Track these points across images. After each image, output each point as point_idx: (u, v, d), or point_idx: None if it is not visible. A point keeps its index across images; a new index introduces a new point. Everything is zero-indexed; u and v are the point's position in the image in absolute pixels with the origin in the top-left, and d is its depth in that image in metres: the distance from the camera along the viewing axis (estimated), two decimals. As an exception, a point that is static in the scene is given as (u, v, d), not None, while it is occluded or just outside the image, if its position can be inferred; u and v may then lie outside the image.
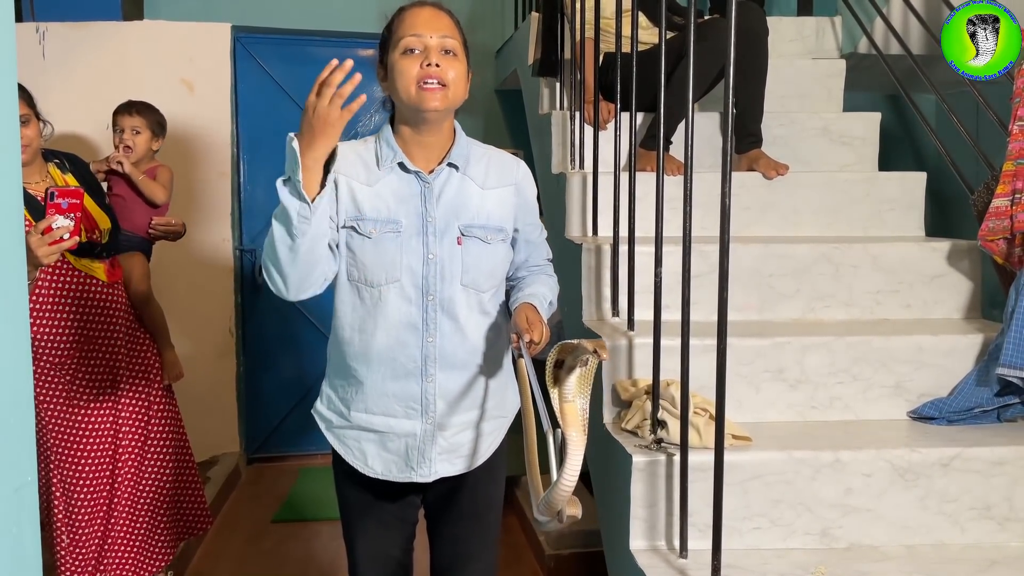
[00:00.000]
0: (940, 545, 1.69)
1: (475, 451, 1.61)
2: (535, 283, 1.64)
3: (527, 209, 1.63)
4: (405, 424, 1.55)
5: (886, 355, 1.91)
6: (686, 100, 1.57)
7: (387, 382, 1.53)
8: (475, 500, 1.66)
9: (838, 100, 2.88)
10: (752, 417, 1.86)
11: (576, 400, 1.21)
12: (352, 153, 1.54)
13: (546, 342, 1.49)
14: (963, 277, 2.16)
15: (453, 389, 1.56)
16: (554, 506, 1.19)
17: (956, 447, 1.70)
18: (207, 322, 3.79)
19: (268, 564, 2.99)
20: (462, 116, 1.64)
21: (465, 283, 1.53)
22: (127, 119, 2.73)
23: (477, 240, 1.53)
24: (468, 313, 1.53)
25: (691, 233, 1.61)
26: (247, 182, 3.98)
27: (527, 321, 1.48)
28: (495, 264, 1.57)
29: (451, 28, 1.52)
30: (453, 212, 1.53)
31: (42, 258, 1.88)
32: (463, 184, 1.55)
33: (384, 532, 1.66)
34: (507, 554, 2.96)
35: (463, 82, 1.52)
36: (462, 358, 1.55)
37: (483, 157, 1.60)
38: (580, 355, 1.17)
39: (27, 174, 2.18)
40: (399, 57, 1.48)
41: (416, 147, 1.54)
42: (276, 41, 3.95)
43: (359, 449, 1.59)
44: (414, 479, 1.58)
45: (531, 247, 1.67)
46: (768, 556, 1.64)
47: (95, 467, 2.36)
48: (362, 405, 1.56)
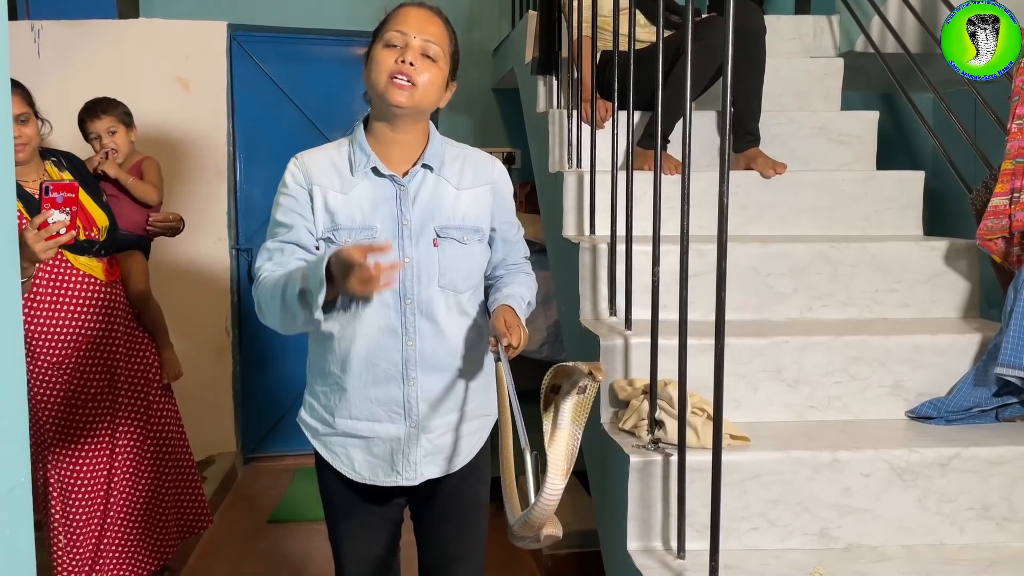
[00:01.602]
0: (938, 545, 1.68)
1: (459, 452, 1.62)
2: (513, 283, 1.64)
3: (504, 207, 1.64)
4: (389, 428, 1.56)
5: (884, 354, 1.90)
6: (683, 98, 1.56)
7: (369, 387, 1.54)
8: (461, 500, 1.66)
9: (836, 99, 2.87)
10: (750, 417, 1.86)
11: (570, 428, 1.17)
12: (326, 160, 1.55)
13: (525, 344, 1.50)
14: (961, 276, 2.15)
15: (435, 391, 1.56)
16: (533, 525, 1.17)
17: (954, 447, 1.70)
18: (203, 321, 3.78)
19: (265, 563, 2.98)
20: (459, 114, 1.64)
21: (443, 285, 1.53)
22: (98, 123, 2.69)
23: (453, 241, 1.54)
24: (447, 315, 1.54)
25: (689, 232, 1.59)
26: (243, 181, 3.97)
27: (505, 324, 1.48)
28: (472, 265, 1.57)
29: (440, 34, 1.52)
30: (429, 214, 1.53)
31: (39, 253, 1.87)
32: (438, 185, 1.55)
33: (370, 533, 1.67)
34: (504, 555, 2.96)
35: (435, 89, 1.52)
36: (443, 360, 1.56)
37: (458, 157, 1.60)
38: (576, 379, 1.14)
39: (24, 172, 2.18)
40: (380, 48, 1.50)
41: (389, 147, 1.54)
42: (273, 40, 3.94)
43: (346, 455, 1.60)
44: (400, 483, 1.59)
45: (508, 246, 1.68)
46: (766, 557, 1.63)
47: (92, 467, 2.35)
48: (346, 411, 1.57)
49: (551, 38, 2.73)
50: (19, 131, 2.13)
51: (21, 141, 2.14)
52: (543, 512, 1.13)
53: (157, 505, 2.51)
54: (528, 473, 1.21)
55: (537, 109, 2.91)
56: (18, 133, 2.13)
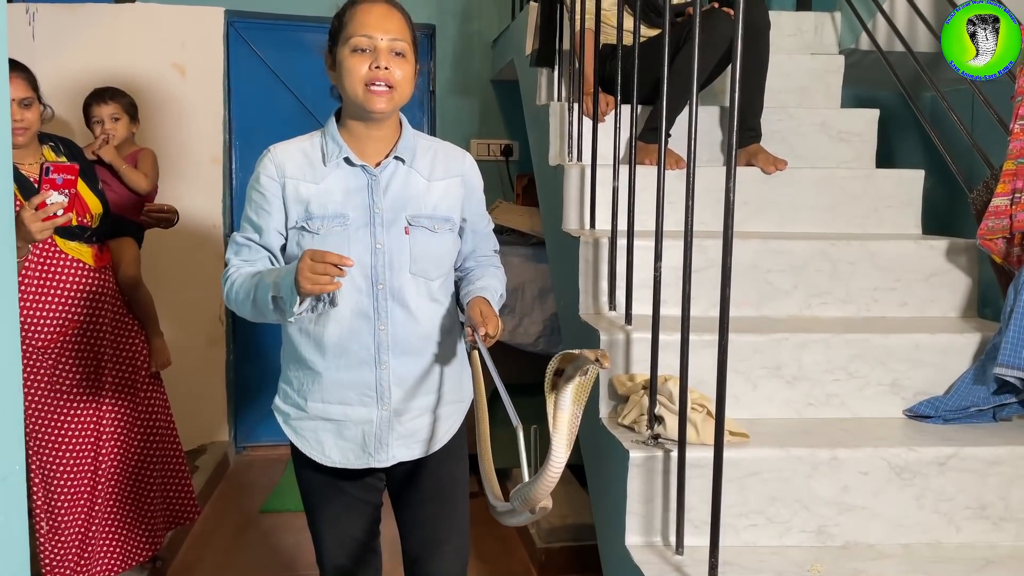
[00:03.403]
0: (935, 544, 1.69)
1: (433, 435, 1.65)
2: (485, 276, 1.67)
3: (474, 199, 1.67)
4: (361, 412, 1.59)
5: (883, 353, 1.90)
6: (686, 93, 1.55)
7: (341, 371, 1.57)
8: (438, 481, 1.68)
9: (836, 96, 2.87)
10: (749, 413, 1.85)
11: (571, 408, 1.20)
12: (298, 152, 1.57)
13: (500, 333, 1.54)
14: (960, 276, 2.15)
15: (407, 376, 1.59)
16: (532, 502, 1.19)
17: (953, 446, 1.70)
18: (197, 310, 3.75)
19: (256, 554, 2.97)
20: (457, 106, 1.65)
21: (414, 272, 1.56)
22: (103, 108, 2.74)
23: (424, 229, 1.57)
24: (418, 300, 1.57)
25: (693, 228, 1.58)
26: (239, 168, 3.94)
27: (481, 315, 1.52)
28: (443, 252, 1.61)
29: (402, 29, 1.53)
30: (400, 204, 1.56)
31: (35, 234, 1.86)
32: (409, 176, 1.58)
33: (348, 516, 1.69)
34: (497, 547, 2.96)
35: (410, 83, 1.55)
36: (415, 344, 1.59)
37: (429, 150, 1.63)
38: (581, 365, 1.16)
39: (22, 156, 2.16)
40: (348, 54, 1.51)
41: (363, 142, 1.57)
42: (269, 26, 3.90)
43: (316, 440, 1.62)
44: (372, 464, 1.62)
45: (478, 237, 1.71)
46: (764, 553, 1.63)
47: (76, 454, 2.32)
48: (319, 395, 1.60)
49: (552, 30, 2.71)
50: (21, 115, 2.11)
51: (23, 125, 2.12)
52: (547, 484, 1.15)
53: (145, 494, 2.49)
54: (520, 450, 1.22)
55: (537, 101, 2.89)
56: (20, 117, 2.10)
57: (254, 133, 3.91)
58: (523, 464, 1.22)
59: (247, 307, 1.51)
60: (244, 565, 2.89)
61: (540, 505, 1.19)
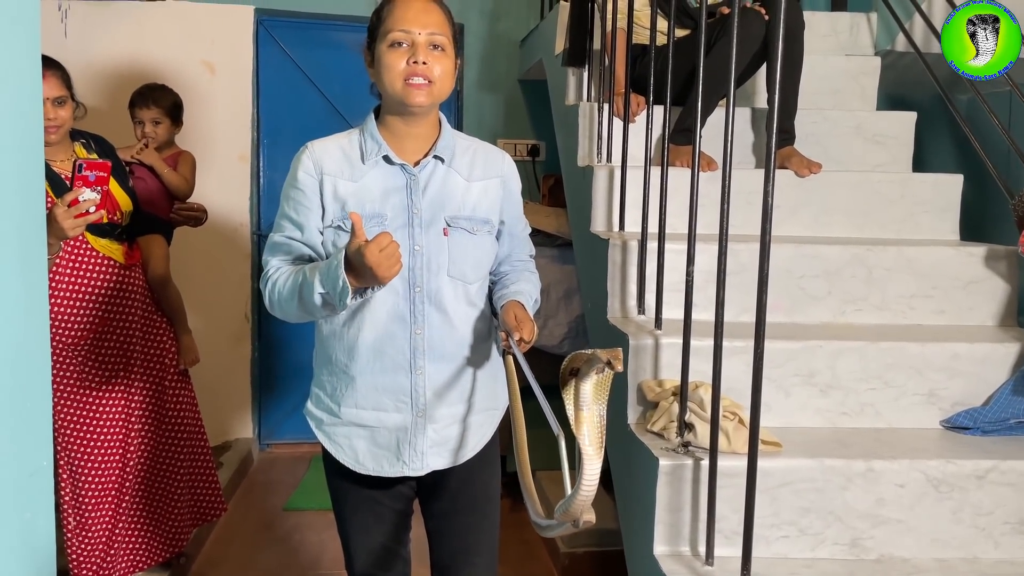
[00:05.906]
0: (973, 559, 1.64)
1: (465, 444, 1.61)
2: (520, 280, 1.64)
3: (512, 202, 1.64)
4: (395, 417, 1.55)
5: (920, 362, 1.86)
6: (717, 93, 1.52)
7: (376, 376, 1.54)
8: (471, 493, 1.65)
9: (872, 98, 2.82)
10: (781, 422, 1.82)
11: (592, 407, 1.17)
12: (337, 149, 1.54)
13: (535, 339, 1.51)
14: (999, 283, 2.10)
15: (442, 381, 1.56)
16: (573, 515, 1.16)
17: (992, 459, 1.65)
18: (223, 307, 3.77)
19: (281, 551, 2.97)
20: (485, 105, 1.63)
21: (452, 274, 1.53)
22: (145, 111, 2.77)
23: (463, 231, 1.54)
24: (456, 304, 1.54)
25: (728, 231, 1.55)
26: (267, 167, 3.95)
27: (516, 319, 1.49)
28: (481, 255, 1.57)
29: (441, 23, 1.50)
30: (439, 204, 1.53)
31: (67, 231, 1.86)
32: (448, 176, 1.55)
33: (379, 525, 1.66)
34: (520, 551, 2.94)
35: (449, 78, 1.52)
36: (451, 350, 1.55)
37: (468, 149, 1.60)
38: (595, 364, 1.14)
39: (53, 153, 2.17)
40: (386, 50, 1.48)
41: (401, 139, 1.54)
42: (299, 25, 3.91)
43: (350, 447, 1.59)
44: (406, 472, 1.58)
45: (515, 241, 1.68)
46: (796, 565, 1.59)
47: (104, 450, 2.33)
48: (352, 400, 1.56)
49: (583, 29, 2.68)
50: (55, 113, 2.11)
51: (55, 123, 2.12)
52: (585, 499, 1.12)
53: (172, 491, 2.50)
54: (563, 460, 1.19)
55: (566, 101, 2.87)
56: (53, 115, 2.11)
57: (282, 132, 3.92)
58: (565, 475, 1.19)
59: (292, 306, 1.47)
60: (268, 562, 2.89)
61: (584, 519, 1.16)
